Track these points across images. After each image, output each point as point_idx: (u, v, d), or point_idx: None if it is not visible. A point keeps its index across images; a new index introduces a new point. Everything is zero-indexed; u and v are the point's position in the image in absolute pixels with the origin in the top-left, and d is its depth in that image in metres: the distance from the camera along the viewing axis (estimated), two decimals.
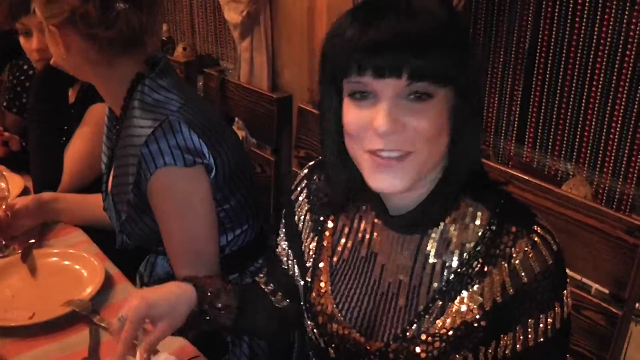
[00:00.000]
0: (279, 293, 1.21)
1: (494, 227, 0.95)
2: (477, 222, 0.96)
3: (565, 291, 0.94)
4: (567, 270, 0.97)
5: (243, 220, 1.45)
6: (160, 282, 1.38)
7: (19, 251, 1.46)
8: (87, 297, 1.30)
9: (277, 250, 1.21)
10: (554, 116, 1.98)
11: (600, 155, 1.90)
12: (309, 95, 2.30)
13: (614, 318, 1.25)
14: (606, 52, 1.80)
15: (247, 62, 2.54)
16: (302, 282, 1.13)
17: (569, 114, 1.94)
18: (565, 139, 1.97)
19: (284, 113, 2.02)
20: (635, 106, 1.77)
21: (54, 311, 1.26)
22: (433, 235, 0.98)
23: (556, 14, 1.88)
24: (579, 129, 1.93)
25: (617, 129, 1.83)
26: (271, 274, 1.23)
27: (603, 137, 1.87)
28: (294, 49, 2.41)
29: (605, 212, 1.24)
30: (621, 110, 1.81)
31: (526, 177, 1.39)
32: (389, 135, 0.87)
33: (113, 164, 1.47)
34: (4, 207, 1.51)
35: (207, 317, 1.10)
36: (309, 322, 1.08)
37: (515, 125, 2.09)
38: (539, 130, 2.03)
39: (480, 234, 0.95)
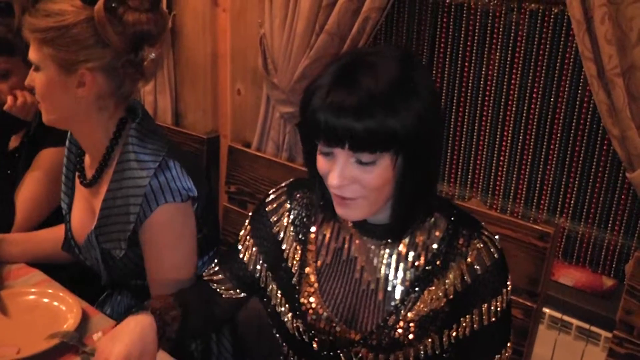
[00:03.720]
0: (230, 283, 1.36)
1: (450, 232, 1.18)
2: (438, 229, 1.19)
3: (508, 279, 1.19)
4: None
5: (210, 249, 1.58)
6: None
7: None
8: (71, 329, 1.35)
9: (239, 244, 1.36)
10: (449, 147, 2.28)
11: (492, 179, 2.21)
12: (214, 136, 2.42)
13: (529, 311, 1.53)
14: (492, 96, 2.13)
15: (150, 105, 2.63)
16: (272, 284, 1.29)
17: (462, 145, 2.24)
18: (460, 167, 2.28)
19: (212, 152, 2.16)
20: (520, 136, 2.11)
21: (41, 345, 1.30)
22: (404, 241, 1.20)
23: (447, 66, 2.20)
24: (472, 158, 2.24)
25: (506, 157, 2.16)
26: (226, 265, 1.37)
27: (494, 164, 2.19)
28: (197, 92, 2.53)
29: (519, 224, 1.51)
30: (508, 140, 2.14)
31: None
32: (340, 188, 1.08)
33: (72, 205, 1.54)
34: None
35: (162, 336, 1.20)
36: (294, 321, 1.24)
37: None
38: None
39: (441, 237, 1.18)
